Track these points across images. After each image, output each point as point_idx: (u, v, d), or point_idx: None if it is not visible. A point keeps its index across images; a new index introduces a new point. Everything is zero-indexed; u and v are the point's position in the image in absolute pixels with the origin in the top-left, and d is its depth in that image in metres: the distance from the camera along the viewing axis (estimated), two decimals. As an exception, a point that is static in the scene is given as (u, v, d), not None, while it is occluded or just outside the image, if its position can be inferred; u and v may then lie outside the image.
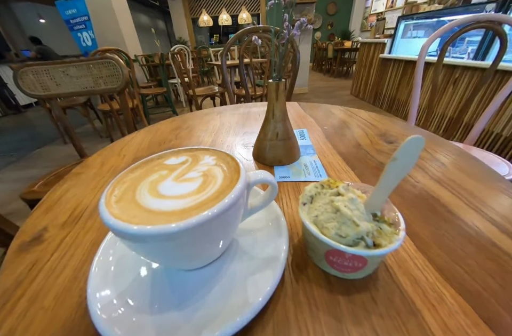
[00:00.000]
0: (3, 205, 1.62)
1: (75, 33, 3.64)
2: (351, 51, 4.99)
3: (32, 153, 2.48)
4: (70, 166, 1.05)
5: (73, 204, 0.32)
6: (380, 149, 0.40)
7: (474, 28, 0.87)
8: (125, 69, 0.99)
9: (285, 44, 0.28)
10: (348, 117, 0.57)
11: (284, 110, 0.33)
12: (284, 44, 0.28)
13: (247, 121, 0.58)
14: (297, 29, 0.26)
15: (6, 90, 4.45)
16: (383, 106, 2.75)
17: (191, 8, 7.40)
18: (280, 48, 0.30)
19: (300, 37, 0.35)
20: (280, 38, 0.27)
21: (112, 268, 0.19)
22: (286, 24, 0.29)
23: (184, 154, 0.21)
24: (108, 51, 2.28)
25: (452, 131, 1.05)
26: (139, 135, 0.54)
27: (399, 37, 2.54)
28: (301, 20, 0.26)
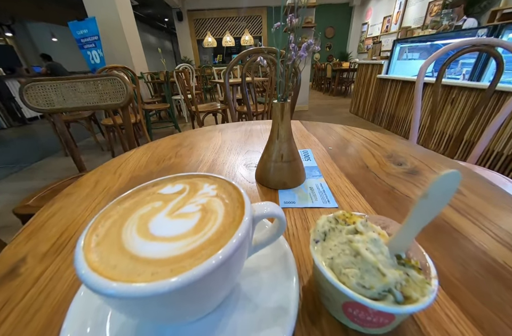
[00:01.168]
0: (-2, 220, 1.57)
1: (85, 52, 3.79)
2: (349, 71, 5.19)
3: (33, 165, 2.47)
4: (67, 180, 1.02)
5: (59, 229, 0.29)
6: (389, 172, 0.38)
7: (470, 51, 0.90)
8: (129, 86, 1.00)
9: (290, 66, 0.27)
10: (352, 136, 0.56)
11: (289, 131, 0.32)
12: (289, 66, 0.27)
13: (249, 139, 0.57)
14: (304, 50, 0.26)
15: (13, 103, 4.57)
16: (382, 124, 2.79)
17: (197, 30, 7.81)
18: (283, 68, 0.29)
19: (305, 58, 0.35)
20: (286, 59, 0.26)
21: (90, 319, 0.16)
22: (292, 46, 0.28)
23: (181, 181, 0.19)
24: (115, 68, 2.36)
25: (454, 149, 1.04)
26: (138, 151, 0.52)
27: (395, 59, 2.65)
28: (308, 42, 0.25)
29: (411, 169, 0.39)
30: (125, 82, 0.99)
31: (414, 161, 0.42)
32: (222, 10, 7.37)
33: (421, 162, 0.42)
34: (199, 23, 7.71)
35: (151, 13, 8.08)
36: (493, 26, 1.71)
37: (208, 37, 7.11)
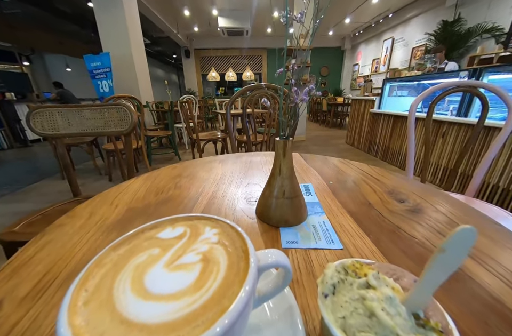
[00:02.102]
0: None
1: (95, 81, 4.03)
2: (343, 105, 5.55)
3: (28, 187, 2.43)
4: (59, 205, 0.99)
5: (45, 267, 0.27)
6: (392, 209, 0.38)
7: (455, 91, 0.98)
8: (134, 115, 1.03)
9: (292, 108, 0.28)
10: (351, 170, 0.56)
11: (291, 167, 0.32)
12: (291, 108, 0.28)
13: (250, 171, 0.57)
14: (306, 94, 0.27)
15: (18, 125, 4.71)
16: (378, 155, 2.86)
17: (202, 66, 8.49)
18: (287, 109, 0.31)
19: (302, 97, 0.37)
20: (289, 102, 0.28)
21: None
22: (294, 89, 0.30)
23: (182, 223, 0.18)
24: (122, 97, 2.49)
25: (451, 181, 1.05)
26: (138, 181, 0.52)
27: (386, 96, 2.84)
28: (309, 87, 0.27)
29: (414, 206, 0.39)
30: (131, 111, 1.03)
31: (416, 198, 0.42)
32: (226, 49, 8.13)
33: (422, 199, 0.41)
34: (204, 60, 8.41)
35: (161, 50, 8.86)
36: (473, 69, 1.88)
37: (212, 72, 7.71)
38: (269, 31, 7.14)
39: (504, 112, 1.32)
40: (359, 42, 7.42)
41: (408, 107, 2.64)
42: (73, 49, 7.50)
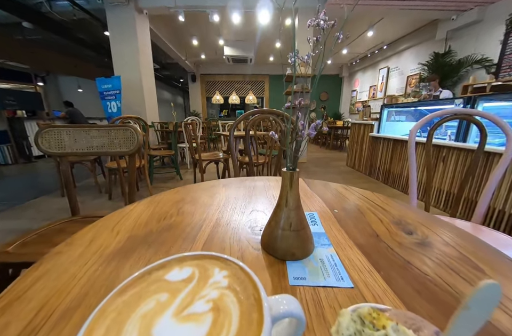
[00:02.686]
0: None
1: (104, 102, 4.21)
2: (343, 129, 5.71)
3: (26, 203, 2.40)
4: (56, 224, 0.96)
5: (39, 302, 0.26)
6: (401, 242, 0.37)
7: (452, 118, 1.01)
8: (140, 136, 1.05)
9: (300, 142, 0.29)
10: (356, 198, 0.56)
11: (298, 199, 0.32)
12: (299, 141, 0.29)
13: (254, 197, 0.57)
14: (313, 129, 0.28)
15: (25, 141, 4.81)
16: (379, 178, 2.87)
17: (207, 89, 8.92)
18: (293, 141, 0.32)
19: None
20: (297, 136, 0.28)
21: None
22: (301, 123, 0.31)
23: (189, 263, 0.18)
24: (129, 118, 2.57)
25: (456, 207, 1.03)
26: (140, 206, 0.51)
27: (384, 120, 2.93)
28: (316, 122, 0.28)
29: (423, 239, 0.38)
30: (137, 132, 1.05)
31: (424, 230, 0.41)
32: (230, 75, 8.60)
33: (430, 230, 0.41)
34: (209, 84, 8.86)
35: (169, 74, 9.39)
36: (468, 97, 1.96)
37: (217, 95, 8.07)
38: (271, 59, 7.63)
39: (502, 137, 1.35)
40: (356, 70, 7.89)
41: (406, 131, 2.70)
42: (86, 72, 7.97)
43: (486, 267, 0.31)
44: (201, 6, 3.94)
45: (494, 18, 3.48)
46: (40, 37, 5.26)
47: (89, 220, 1.00)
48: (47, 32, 4.44)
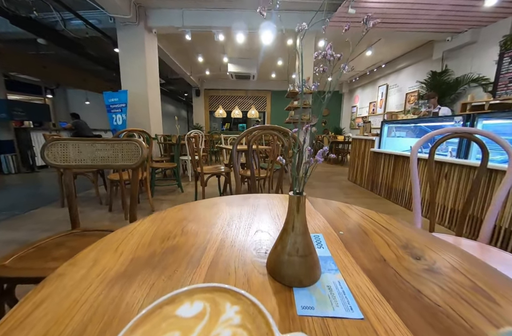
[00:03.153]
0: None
1: (110, 115, 4.31)
2: (344, 143, 5.77)
3: (26, 213, 2.39)
4: (55, 238, 0.94)
5: (39, 331, 0.25)
6: (409, 268, 0.36)
7: (453, 137, 1.03)
8: (145, 150, 1.06)
9: (308, 166, 0.30)
10: (361, 219, 0.55)
11: (305, 223, 0.32)
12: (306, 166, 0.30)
13: (258, 216, 0.56)
14: (320, 155, 0.29)
15: (30, 151, 4.87)
16: (382, 194, 2.85)
17: (210, 104, 9.15)
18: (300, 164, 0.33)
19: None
20: (304, 162, 0.29)
21: None
22: (308, 149, 0.32)
23: (200, 296, 0.17)
24: (133, 131, 2.62)
25: (461, 225, 1.02)
26: (144, 223, 0.51)
27: (385, 136, 2.97)
28: (323, 149, 0.29)
29: (431, 265, 0.37)
30: (142, 146, 1.06)
31: (432, 254, 0.40)
32: (233, 90, 8.87)
33: (438, 255, 0.40)
34: (213, 99, 9.11)
35: (174, 89, 9.67)
36: (467, 115, 2.00)
37: (220, 110, 8.27)
38: (273, 76, 7.90)
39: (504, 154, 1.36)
40: (355, 87, 8.13)
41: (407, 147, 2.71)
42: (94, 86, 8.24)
43: (498, 296, 0.30)
44: (207, 26, 4.16)
45: (487, 40, 3.63)
46: (52, 52, 5.51)
47: (89, 234, 0.98)
48: (60, 48, 4.65)
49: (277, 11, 3.99)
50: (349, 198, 2.85)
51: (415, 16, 3.42)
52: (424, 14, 3.32)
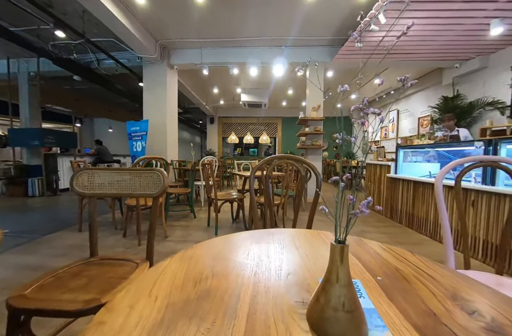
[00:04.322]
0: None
1: (131, 142, 4.56)
2: (357, 168, 5.72)
3: (44, 237, 2.45)
4: (73, 266, 0.94)
5: None
6: (465, 326, 0.33)
7: (478, 166, 1.00)
8: (166, 180, 1.10)
9: (353, 216, 0.30)
10: (397, 261, 0.52)
11: (349, 275, 0.31)
12: (351, 216, 0.30)
13: (285, 255, 0.55)
14: (365, 206, 0.29)
15: (55, 175, 5.16)
16: (402, 222, 2.71)
17: (223, 130, 9.55)
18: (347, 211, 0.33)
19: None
20: (350, 214, 0.29)
21: None
22: (350, 198, 0.32)
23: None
24: (153, 159, 2.74)
25: (501, 263, 0.93)
26: (173, 262, 0.51)
27: (401, 161, 2.93)
28: (368, 199, 0.29)
29: (491, 322, 0.33)
30: (163, 176, 1.10)
31: (487, 309, 0.36)
32: (245, 118, 9.28)
33: (493, 309, 0.36)
34: (226, 126, 9.53)
35: (190, 117, 10.27)
36: (488, 140, 1.96)
37: (232, 136, 8.58)
38: (284, 104, 8.27)
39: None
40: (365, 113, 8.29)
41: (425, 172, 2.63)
42: (118, 115, 8.95)
43: None
44: (223, 62, 4.54)
45: (498, 65, 3.58)
46: (85, 87, 6.13)
47: (106, 262, 0.98)
48: (92, 84, 5.19)
49: (288, 47, 4.35)
50: (368, 226, 2.72)
51: (421, 47, 3.54)
52: (430, 44, 3.43)
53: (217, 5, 3.22)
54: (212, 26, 3.82)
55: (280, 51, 4.38)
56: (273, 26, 3.76)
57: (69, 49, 4.48)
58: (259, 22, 3.66)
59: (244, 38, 4.15)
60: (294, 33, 3.90)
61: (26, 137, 4.92)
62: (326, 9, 3.21)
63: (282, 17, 3.50)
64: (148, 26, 3.81)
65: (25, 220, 3.18)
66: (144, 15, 3.51)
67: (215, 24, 3.74)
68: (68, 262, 1.87)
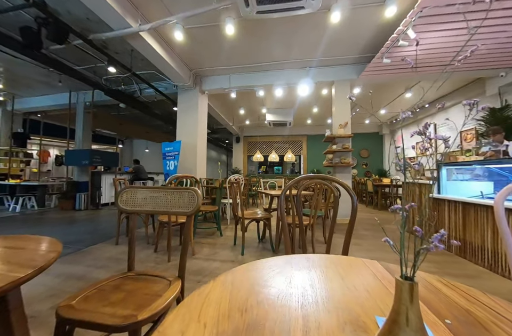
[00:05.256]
0: (30, 304, 1.47)
1: (165, 161, 4.86)
2: (391, 187, 5.33)
3: (87, 248, 2.65)
4: (113, 280, 0.99)
5: None
6: None
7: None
8: (200, 199, 1.12)
9: (425, 250, 0.27)
10: (465, 301, 0.46)
11: (421, 317, 0.28)
12: (423, 251, 0.28)
13: (329, 285, 0.51)
14: (437, 240, 0.27)
15: (98, 191, 5.68)
16: (451, 249, 2.40)
17: (249, 149, 9.78)
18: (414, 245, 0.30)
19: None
20: (424, 250, 0.27)
21: None
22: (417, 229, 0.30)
23: None
24: (185, 177, 2.86)
25: None
26: (216, 287, 0.50)
27: (445, 180, 2.68)
28: (441, 232, 0.27)
29: None
30: (198, 195, 1.13)
31: None
32: (270, 136, 9.46)
33: None
34: (251, 144, 9.77)
35: (217, 137, 10.78)
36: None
37: (257, 154, 8.74)
38: (309, 122, 8.32)
39: None
40: (397, 128, 7.94)
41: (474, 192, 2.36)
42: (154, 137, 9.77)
43: None
44: (250, 85, 4.80)
45: None
46: (127, 113, 6.87)
47: (141, 278, 1.03)
48: (133, 110, 5.80)
49: (314, 68, 4.48)
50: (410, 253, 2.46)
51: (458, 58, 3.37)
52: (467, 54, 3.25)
53: (245, 36, 3.51)
54: (240, 54, 4.13)
55: (305, 72, 4.52)
56: (299, 49, 3.94)
57: (117, 82, 5.13)
58: (285, 48, 3.88)
59: (270, 63, 4.40)
60: (320, 54, 4.04)
61: (78, 157, 5.64)
62: (350, 29, 3.31)
63: (307, 41, 3.67)
64: (183, 58, 4.25)
65: (71, 231, 3.49)
66: (181, 49, 3.94)
67: (243, 52, 4.04)
68: (106, 273, 1.98)
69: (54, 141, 8.82)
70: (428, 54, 3.17)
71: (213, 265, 2.17)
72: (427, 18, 2.36)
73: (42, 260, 0.56)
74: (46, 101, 6.22)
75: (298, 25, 3.22)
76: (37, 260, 0.56)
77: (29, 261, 0.56)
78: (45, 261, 0.55)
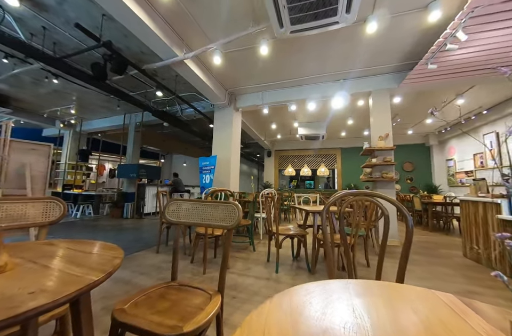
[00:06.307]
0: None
1: (201, 175, 5.08)
2: (445, 205, 4.71)
3: (132, 255, 2.83)
4: (158, 288, 1.04)
5: None
6: None
7: None
8: (241, 213, 1.12)
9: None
10: None
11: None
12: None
13: (404, 322, 0.45)
14: None
15: (142, 201, 6.19)
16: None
17: (280, 163, 9.72)
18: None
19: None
20: None
21: None
22: None
23: None
24: (222, 190, 2.94)
25: None
26: (272, 307, 0.48)
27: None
28: None
29: None
30: (238, 209, 1.13)
31: None
32: (302, 150, 9.30)
33: None
34: (282, 158, 9.71)
35: (249, 151, 11.03)
36: None
37: (289, 168, 8.64)
38: (343, 134, 8.03)
39: None
40: (448, 138, 7.13)
41: None
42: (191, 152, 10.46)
43: None
44: (283, 101, 4.88)
45: None
46: (169, 131, 7.51)
47: (183, 288, 1.06)
48: (175, 128, 6.32)
49: (349, 80, 4.39)
50: (475, 285, 2.09)
51: (513, 58, 2.96)
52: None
53: (278, 53, 3.63)
54: (273, 72, 4.28)
55: (340, 85, 4.45)
56: (332, 62, 3.89)
57: (163, 103, 5.70)
58: (317, 61, 3.89)
59: (302, 78, 4.44)
60: (355, 65, 3.95)
61: (128, 170, 6.40)
62: (388, 38, 3.19)
63: (341, 53, 3.61)
64: (219, 79, 4.56)
65: (120, 237, 3.84)
66: (218, 71, 4.24)
67: (275, 69, 4.17)
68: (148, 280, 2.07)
69: (109, 156, 10.16)
70: (483, 55, 2.85)
71: (247, 281, 2.12)
72: (479, 18, 2.18)
73: (110, 265, 0.60)
74: (106, 122, 7.38)
75: (331, 38, 3.21)
76: (105, 264, 0.61)
77: (99, 266, 0.61)
78: (112, 266, 0.59)
